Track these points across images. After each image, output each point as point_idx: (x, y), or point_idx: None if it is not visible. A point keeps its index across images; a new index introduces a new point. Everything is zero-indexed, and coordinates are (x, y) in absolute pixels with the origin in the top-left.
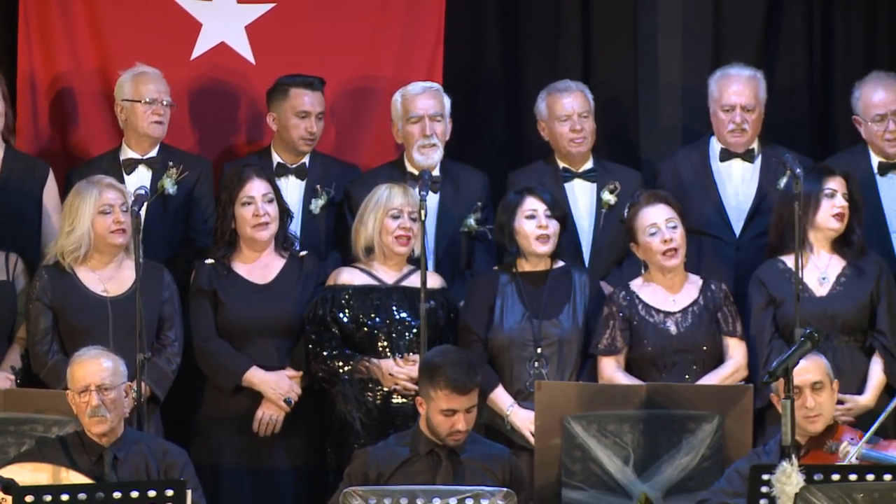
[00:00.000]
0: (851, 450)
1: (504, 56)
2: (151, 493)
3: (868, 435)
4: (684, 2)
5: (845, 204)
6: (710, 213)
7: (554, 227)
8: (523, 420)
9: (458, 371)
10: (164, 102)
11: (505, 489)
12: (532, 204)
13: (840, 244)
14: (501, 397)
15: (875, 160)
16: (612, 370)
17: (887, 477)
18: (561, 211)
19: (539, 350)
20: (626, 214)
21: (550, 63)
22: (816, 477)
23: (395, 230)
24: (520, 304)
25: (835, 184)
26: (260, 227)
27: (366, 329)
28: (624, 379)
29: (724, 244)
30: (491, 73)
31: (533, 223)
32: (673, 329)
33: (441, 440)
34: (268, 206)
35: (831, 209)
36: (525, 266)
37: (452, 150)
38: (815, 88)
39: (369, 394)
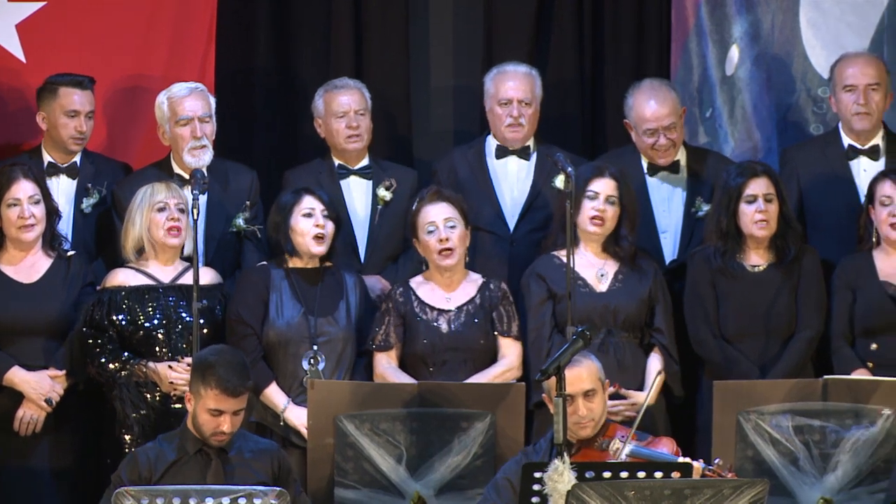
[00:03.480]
0: (622, 447)
1: (276, 56)
2: None
3: (633, 428)
4: (455, 3)
5: (603, 207)
6: (486, 210)
7: (330, 227)
8: (299, 418)
9: (230, 373)
10: None
11: (278, 489)
12: (310, 203)
13: (612, 245)
14: (276, 395)
15: (645, 161)
16: (384, 366)
17: (658, 474)
18: (336, 213)
19: (315, 347)
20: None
21: (323, 63)
22: (588, 475)
23: (164, 223)
24: (295, 301)
25: (599, 185)
26: (25, 228)
27: (143, 331)
28: (394, 375)
29: (499, 239)
30: (263, 72)
31: (310, 222)
32: (444, 327)
33: (204, 439)
34: (34, 207)
35: (590, 211)
36: (296, 263)
37: (224, 150)
38: (585, 87)
39: (147, 395)
